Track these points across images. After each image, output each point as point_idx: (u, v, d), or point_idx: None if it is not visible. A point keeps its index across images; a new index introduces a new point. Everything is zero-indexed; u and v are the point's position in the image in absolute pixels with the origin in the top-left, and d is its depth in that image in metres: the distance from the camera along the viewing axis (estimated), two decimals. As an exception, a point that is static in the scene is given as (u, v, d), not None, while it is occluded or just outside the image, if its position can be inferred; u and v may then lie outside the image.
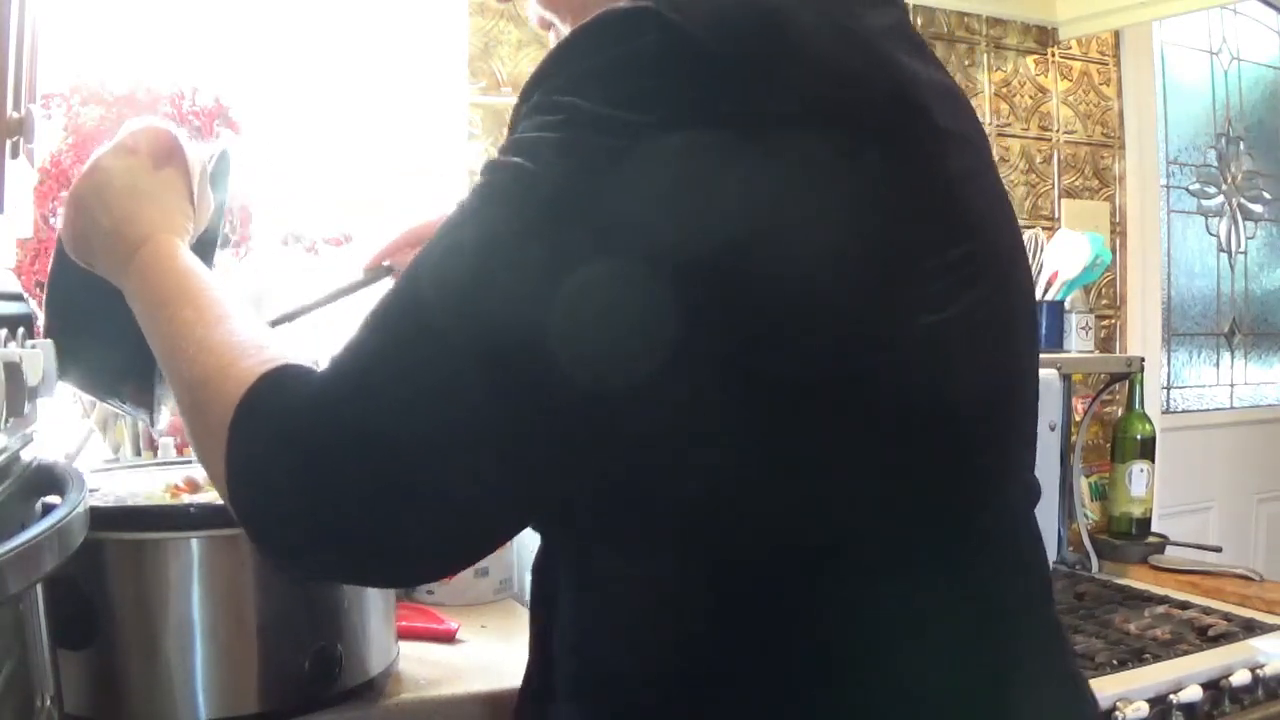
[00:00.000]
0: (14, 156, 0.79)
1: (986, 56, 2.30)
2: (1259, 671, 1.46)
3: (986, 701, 0.61)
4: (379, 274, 1.05)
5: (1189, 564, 1.93)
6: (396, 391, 0.52)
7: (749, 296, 0.54)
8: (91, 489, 0.81)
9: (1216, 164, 2.87)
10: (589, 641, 0.66)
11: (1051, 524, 1.97)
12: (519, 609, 1.35)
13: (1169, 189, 2.72)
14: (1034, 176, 2.36)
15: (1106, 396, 2.25)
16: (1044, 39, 2.37)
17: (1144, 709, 1.33)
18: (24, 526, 0.55)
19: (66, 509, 0.60)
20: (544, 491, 0.55)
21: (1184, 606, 1.71)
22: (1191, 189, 2.81)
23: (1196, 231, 2.84)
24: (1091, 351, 2.14)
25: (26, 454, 0.75)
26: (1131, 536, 2.02)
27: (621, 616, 0.65)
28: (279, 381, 0.57)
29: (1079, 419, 2.14)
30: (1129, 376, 2.02)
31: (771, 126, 0.55)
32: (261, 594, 0.90)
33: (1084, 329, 2.12)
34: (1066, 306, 2.11)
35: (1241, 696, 1.44)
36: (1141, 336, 2.48)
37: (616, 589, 0.65)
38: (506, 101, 1.82)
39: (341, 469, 0.52)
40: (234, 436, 0.56)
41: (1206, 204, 2.85)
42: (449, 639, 1.18)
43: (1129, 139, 2.48)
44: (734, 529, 0.58)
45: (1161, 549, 1.99)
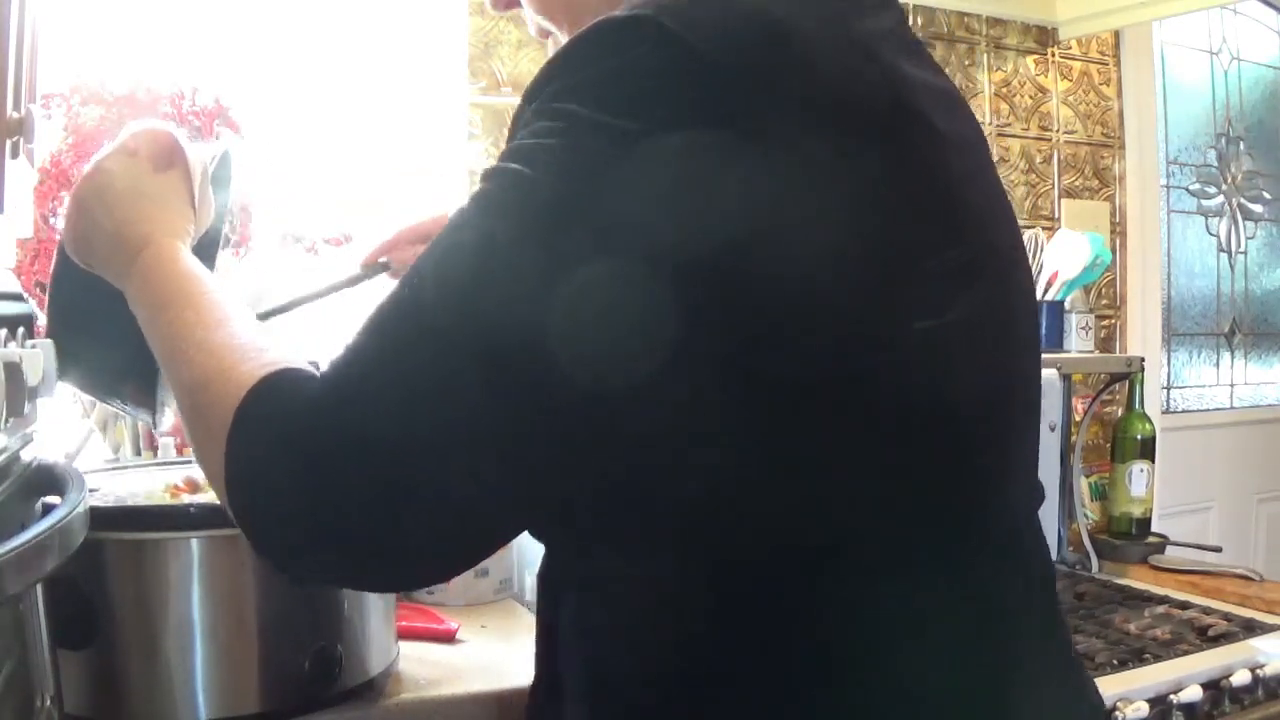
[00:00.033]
0: (14, 156, 0.79)
1: (986, 56, 2.30)
2: (1259, 671, 1.46)
3: (986, 701, 0.61)
4: (375, 270, 1.05)
5: (1189, 564, 1.93)
6: (396, 393, 0.52)
7: (749, 296, 0.54)
8: (91, 489, 0.81)
9: (1216, 164, 2.87)
10: (590, 642, 0.67)
11: (1051, 524, 1.97)
12: (519, 609, 1.35)
13: (1169, 189, 2.72)
14: (1034, 176, 2.36)
15: (1106, 396, 2.25)
16: (1044, 39, 2.37)
17: (1144, 709, 1.34)
18: (24, 526, 0.55)
19: (66, 509, 0.60)
20: (544, 491, 0.55)
21: (1184, 606, 1.71)
22: (1191, 189, 2.81)
23: (1196, 231, 2.84)
24: (1091, 351, 2.14)
25: (26, 454, 0.74)
26: (1131, 536, 2.02)
27: (621, 616, 0.65)
28: (279, 385, 0.57)
29: (1079, 419, 2.14)
30: (1129, 376, 2.02)
31: (771, 128, 0.55)
32: (261, 594, 0.90)
33: (1084, 329, 2.12)
34: (1066, 306, 2.11)
35: (1241, 696, 1.44)
36: (1141, 336, 2.48)
37: (616, 589, 0.65)
38: (506, 101, 1.82)
39: (342, 471, 0.52)
40: (234, 439, 0.56)
41: (1206, 204, 2.85)
42: (449, 639, 1.18)
43: (1129, 139, 2.48)
44: (734, 529, 0.58)
45: (1161, 549, 1.99)
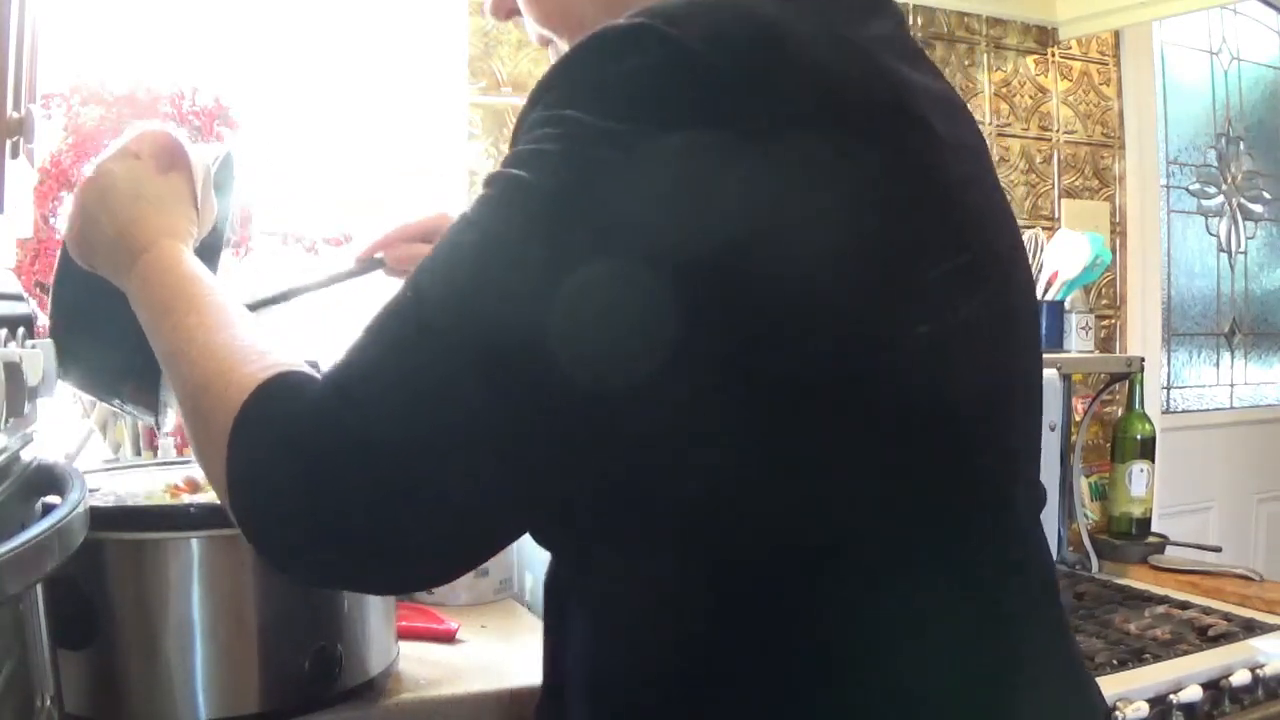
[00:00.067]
0: (14, 156, 0.79)
1: (986, 56, 2.30)
2: (1259, 671, 1.46)
3: (986, 702, 0.61)
4: (370, 266, 1.04)
5: (1189, 564, 1.93)
6: (398, 394, 0.53)
7: (749, 296, 0.54)
8: (91, 489, 0.81)
9: (1216, 164, 2.87)
10: (591, 641, 0.67)
11: (1051, 524, 1.97)
12: (519, 609, 1.35)
13: (1169, 189, 2.73)
14: (1034, 176, 2.36)
15: (1106, 396, 2.25)
16: (1044, 39, 2.37)
17: (1144, 709, 1.34)
18: (24, 526, 0.55)
19: (66, 509, 0.60)
20: (543, 491, 0.55)
21: (1184, 606, 1.71)
22: (1191, 189, 2.81)
23: (1196, 231, 2.84)
24: (1091, 351, 2.14)
25: (26, 454, 0.75)
26: (1131, 536, 2.02)
27: (621, 616, 0.65)
28: (281, 388, 0.57)
29: (1079, 419, 2.14)
30: (1129, 376, 2.02)
31: (771, 128, 0.55)
32: (261, 594, 0.90)
33: (1084, 329, 2.12)
34: (1066, 306, 2.11)
35: (1241, 696, 1.44)
36: (1141, 336, 2.48)
37: (617, 589, 0.65)
38: (506, 101, 1.82)
39: (343, 471, 0.52)
40: (235, 442, 0.56)
41: (1206, 204, 2.85)
42: (449, 639, 1.18)
43: (1129, 139, 2.48)
44: (734, 529, 0.58)
45: (1161, 549, 1.99)
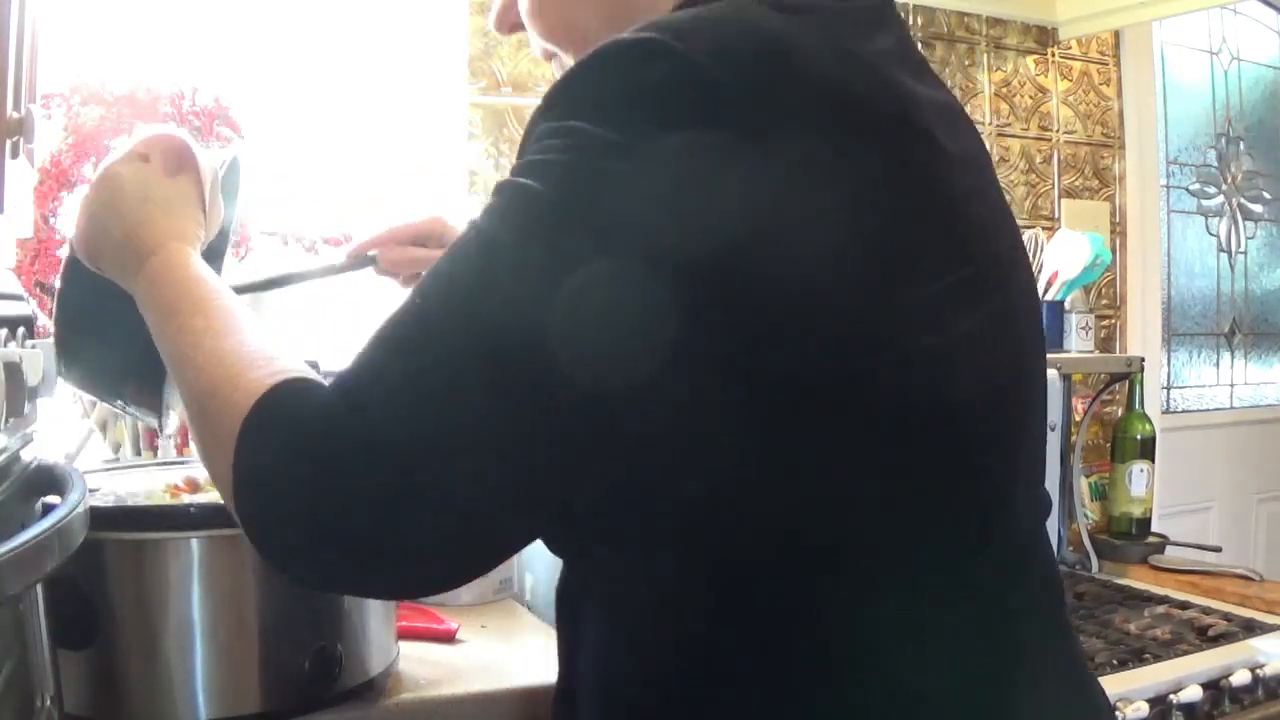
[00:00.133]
0: (14, 156, 0.79)
1: (986, 56, 2.30)
2: (1259, 671, 1.46)
3: (986, 701, 0.61)
4: (361, 262, 1.04)
5: (1189, 564, 1.93)
6: (401, 397, 0.53)
7: (749, 296, 0.54)
8: (91, 489, 0.81)
9: (1216, 164, 2.87)
10: (600, 644, 0.67)
11: (1052, 524, 1.96)
12: (519, 609, 1.35)
13: (1169, 189, 2.73)
14: (1034, 176, 2.36)
15: (1106, 396, 2.25)
16: (1044, 39, 2.37)
17: (1144, 709, 1.34)
18: (24, 526, 0.55)
19: (66, 509, 0.60)
20: (544, 492, 0.55)
21: (1184, 606, 1.71)
22: (1191, 189, 2.81)
23: (1196, 231, 2.84)
24: (1091, 351, 2.14)
25: (26, 454, 0.75)
26: (1131, 536, 2.02)
27: (622, 617, 0.65)
28: (288, 393, 0.57)
29: (1079, 419, 2.14)
30: (1129, 376, 2.02)
31: (772, 129, 0.55)
32: (261, 594, 0.90)
33: (1084, 329, 2.12)
34: (1066, 306, 2.11)
35: (1241, 696, 1.44)
36: (1141, 336, 2.48)
37: (618, 590, 0.65)
38: (506, 101, 1.82)
39: (347, 473, 0.52)
40: (241, 447, 0.56)
41: (1206, 204, 2.85)
42: (449, 639, 1.18)
43: (1129, 139, 2.48)
44: (734, 529, 0.58)
45: (1161, 549, 2.00)
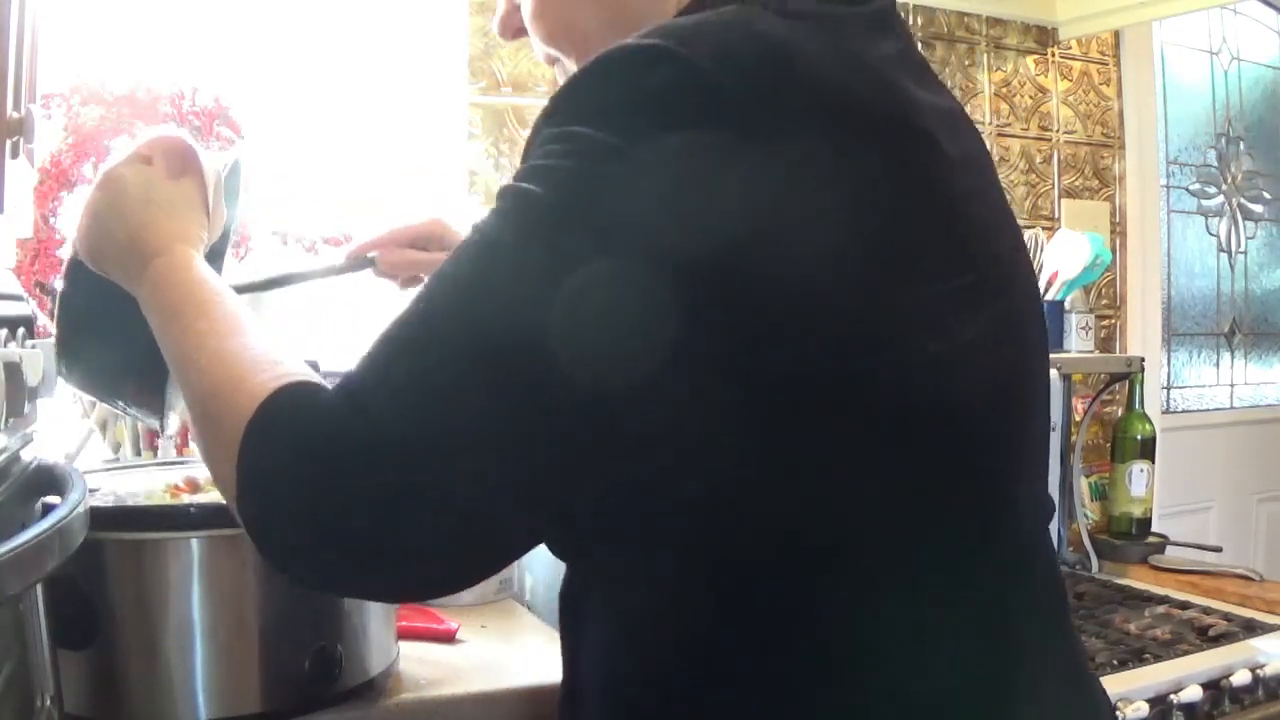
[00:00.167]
0: (14, 156, 0.79)
1: (986, 56, 2.30)
2: (1259, 671, 1.46)
3: (986, 701, 0.61)
4: (360, 264, 1.04)
5: (1189, 564, 1.94)
6: (403, 399, 0.53)
7: (749, 296, 0.54)
8: (91, 489, 0.81)
9: (1216, 164, 2.87)
10: (595, 642, 0.67)
11: (1052, 524, 1.97)
12: (519, 609, 1.35)
13: (1169, 189, 2.73)
14: (1034, 176, 2.36)
15: (1106, 396, 2.25)
16: (1044, 39, 2.37)
17: (1144, 709, 1.34)
18: (24, 526, 0.55)
19: (66, 509, 0.60)
20: (545, 492, 0.55)
21: (1184, 606, 1.71)
22: (1191, 189, 2.81)
23: (1196, 231, 2.84)
24: (1091, 351, 2.14)
25: (26, 454, 0.75)
26: (1131, 536, 2.02)
27: (623, 617, 0.65)
28: (292, 397, 0.57)
29: (1079, 419, 2.14)
30: (1129, 376, 2.02)
31: (772, 129, 0.55)
32: (262, 594, 0.90)
33: (1084, 329, 2.12)
34: (1066, 306, 2.11)
35: (1241, 696, 1.44)
36: (1141, 336, 2.48)
37: (617, 589, 0.65)
38: (506, 101, 1.82)
39: (348, 474, 0.53)
40: (245, 449, 0.56)
41: (1206, 204, 2.85)
42: (449, 639, 1.18)
43: (1129, 139, 2.48)
44: (734, 529, 0.58)
45: (1161, 549, 2.00)
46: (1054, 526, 1.99)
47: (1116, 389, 2.17)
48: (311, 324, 1.45)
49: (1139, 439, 2.02)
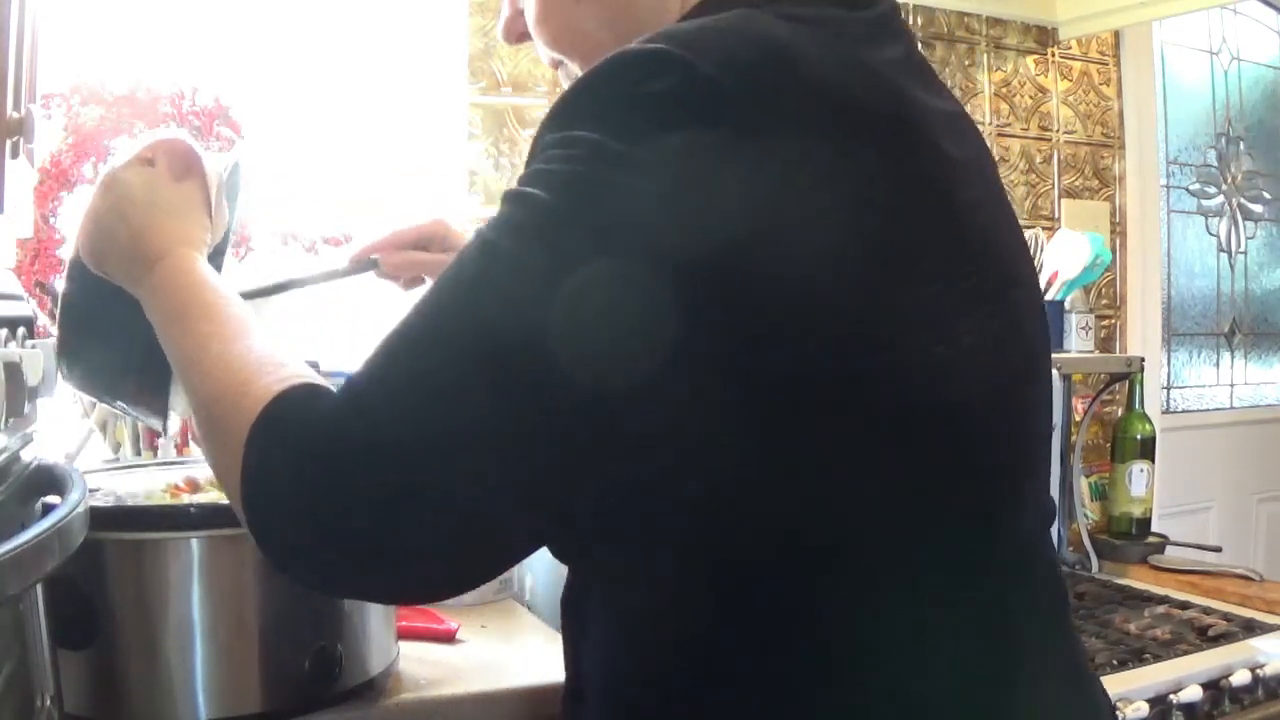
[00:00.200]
0: (14, 156, 0.79)
1: (986, 56, 2.30)
2: (1259, 671, 1.46)
3: (986, 701, 0.61)
4: (364, 266, 1.04)
5: (1189, 564, 1.93)
6: (404, 400, 0.53)
7: (749, 296, 0.54)
8: (91, 489, 0.81)
9: (1216, 164, 2.87)
10: (596, 642, 0.67)
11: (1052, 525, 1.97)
12: (519, 609, 1.35)
13: (1169, 189, 2.72)
14: (1034, 176, 2.36)
15: (1106, 396, 2.25)
16: (1044, 39, 2.37)
17: (1144, 709, 1.34)
18: (24, 526, 0.55)
19: (66, 509, 0.60)
20: (544, 492, 0.55)
21: (1184, 606, 1.71)
22: (1191, 189, 2.81)
23: (1196, 231, 2.84)
24: (1091, 351, 2.14)
25: (26, 454, 0.75)
26: (1131, 536, 2.02)
27: (623, 617, 0.65)
28: (296, 399, 0.58)
29: (1079, 419, 2.14)
30: (1129, 376, 2.02)
31: (772, 129, 0.55)
32: (262, 594, 0.90)
33: (1084, 329, 2.12)
34: (1066, 306, 2.11)
35: (1241, 696, 1.44)
36: (1141, 336, 2.48)
37: (617, 589, 0.65)
38: (506, 101, 1.82)
39: (348, 473, 0.53)
40: (249, 451, 0.57)
41: (1206, 204, 2.85)
42: (449, 639, 1.18)
43: (1129, 139, 2.48)
44: (734, 529, 0.58)
45: (1161, 549, 2.00)
46: (1054, 527, 1.99)
47: (1116, 389, 2.17)
48: (313, 325, 1.45)
49: (1139, 439, 2.02)
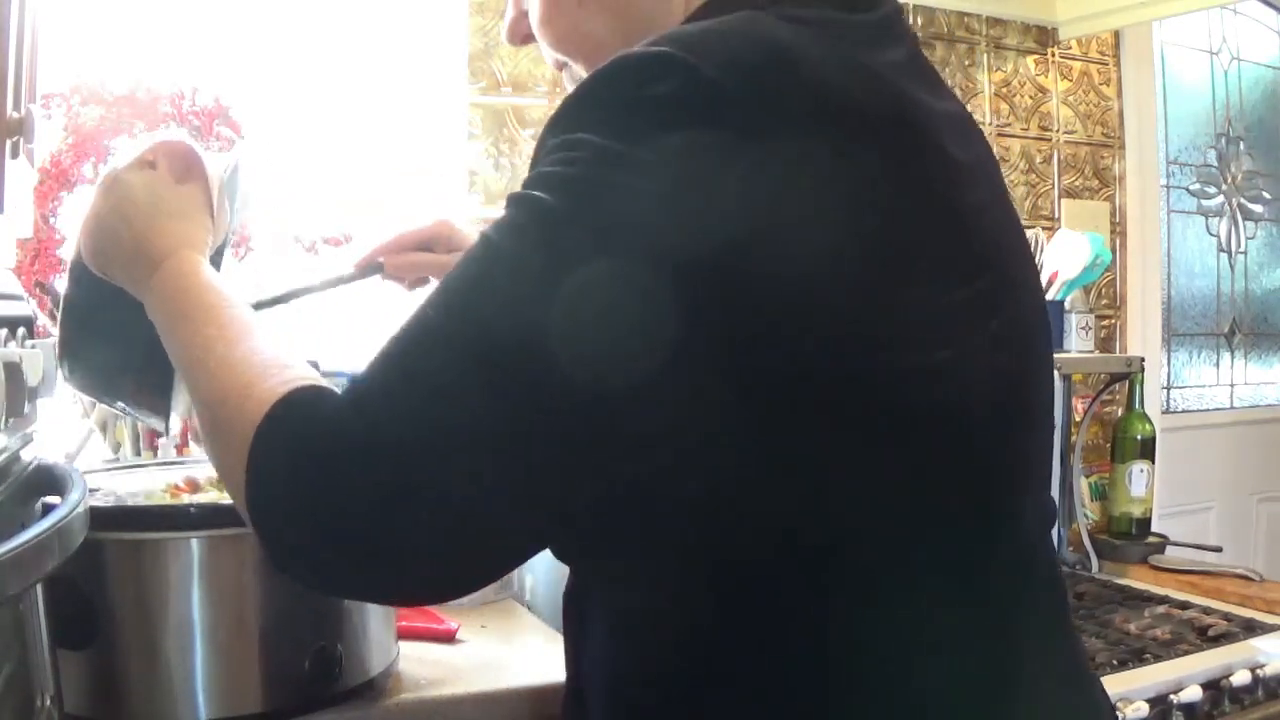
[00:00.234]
0: (14, 156, 0.79)
1: (986, 56, 2.30)
2: (1259, 671, 1.46)
3: (986, 701, 0.61)
4: (369, 271, 1.05)
5: (1189, 564, 1.93)
6: (404, 400, 0.54)
7: (748, 296, 0.54)
8: (91, 489, 0.81)
9: (1216, 164, 2.87)
10: (597, 642, 0.67)
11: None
12: (519, 609, 1.35)
13: (1169, 189, 2.72)
14: (1034, 176, 2.36)
15: (1106, 396, 2.25)
16: (1044, 39, 2.37)
17: (1144, 709, 1.34)
18: (24, 526, 0.55)
19: (66, 509, 0.60)
20: (542, 492, 0.55)
21: (1184, 606, 1.71)
22: (1191, 189, 2.81)
23: (1196, 231, 2.84)
24: (1091, 351, 2.14)
25: (26, 454, 0.75)
26: (1131, 536, 2.02)
27: (623, 617, 0.65)
28: (301, 401, 0.58)
29: (1079, 419, 2.14)
30: (1129, 376, 2.02)
31: (772, 129, 0.55)
32: (262, 594, 0.90)
33: (1084, 329, 2.12)
34: (1066, 306, 2.11)
35: (1241, 696, 1.44)
36: (1141, 336, 2.48)
37: (617, 589, 0.65)
38: (506, 101, 1.82)
39: (344, 475, 0.53)
40: (254, 452, 0.57)
41: (1206, 204, 2.85)
42: (449, 639, 1.18)
43: (1129, 139, 2.48)
44: (734, 529, 0.58)
45: (1161, 549, 2.00)
46: (1054, 527, 1.99)
47: (1116, 389, 2.17)
48: (314, 325, 1.45)
49: (1139, 439, 2.02)
